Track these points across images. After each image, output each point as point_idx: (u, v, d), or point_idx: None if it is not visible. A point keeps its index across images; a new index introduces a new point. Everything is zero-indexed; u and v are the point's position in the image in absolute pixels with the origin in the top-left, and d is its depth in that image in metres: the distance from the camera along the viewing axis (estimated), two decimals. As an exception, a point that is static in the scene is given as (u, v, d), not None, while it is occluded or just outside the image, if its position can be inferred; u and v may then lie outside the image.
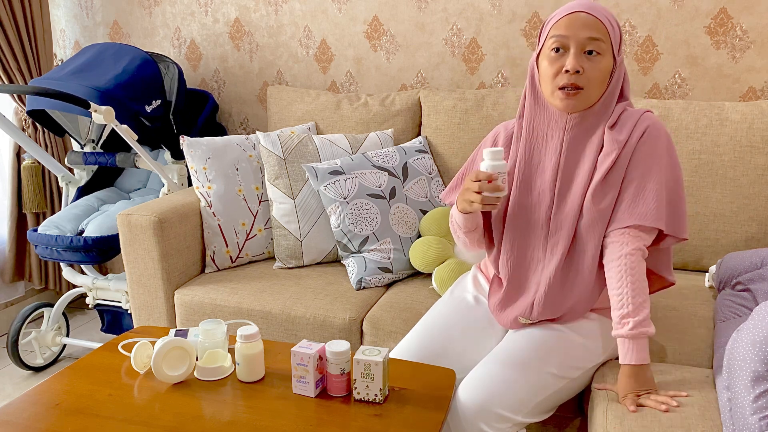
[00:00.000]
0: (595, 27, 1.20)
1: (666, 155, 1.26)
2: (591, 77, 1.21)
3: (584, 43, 1.20)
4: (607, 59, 1.22)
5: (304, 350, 1.17)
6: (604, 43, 1.20)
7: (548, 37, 1.23)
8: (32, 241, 2.11)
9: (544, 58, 1.24)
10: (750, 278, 1.50)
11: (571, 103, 1.23)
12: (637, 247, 1.22)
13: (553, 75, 1.23)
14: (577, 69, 1.19)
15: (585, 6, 1.21)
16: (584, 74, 1.20)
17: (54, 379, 1.28)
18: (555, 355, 1.28)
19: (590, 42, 1.20)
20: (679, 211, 1.27)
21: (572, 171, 1.28)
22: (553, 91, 1.24)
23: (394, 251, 1.90)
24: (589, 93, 1.22)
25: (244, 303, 1.80)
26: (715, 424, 1.12)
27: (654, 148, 1.24)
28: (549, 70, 1.23)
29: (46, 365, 2.37)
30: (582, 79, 1.21)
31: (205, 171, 2.02)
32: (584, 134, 1.27)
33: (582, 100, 1.23)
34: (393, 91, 2.40)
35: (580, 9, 1.21)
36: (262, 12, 2.48)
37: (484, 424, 1.20)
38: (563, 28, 1.21)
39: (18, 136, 2.19)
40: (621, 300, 1.20)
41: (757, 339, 1.02)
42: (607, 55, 1.22)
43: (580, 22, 1.20)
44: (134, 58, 2.19)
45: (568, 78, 1.21)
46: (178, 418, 1.13)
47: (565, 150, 1.28)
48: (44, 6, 2.52)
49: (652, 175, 1.23)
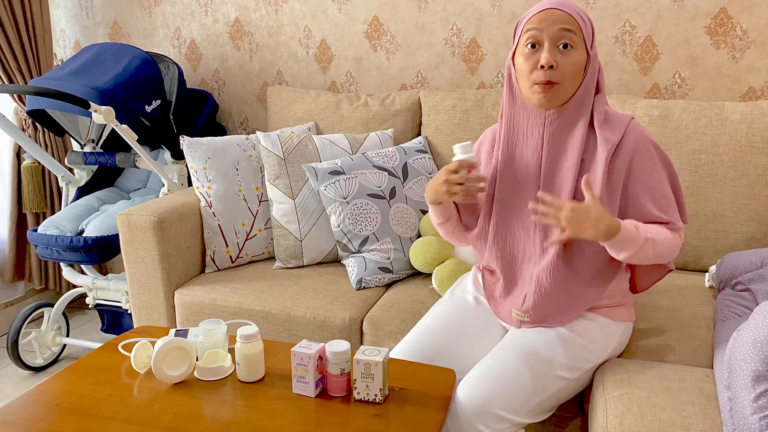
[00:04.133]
0: (567, 20, 1.23)
1: (659, 158, 1.30)
2: (565, 72, 1.23)
3: (557, 36, 1.22)
4: (580, 52, 1.24)
5: (304, 350, 1.17)
6: (576, 35, 1.23)
7: (522, 33, 1.26)
8: (32, 241, 2.11)
9: (519, 54, 1.27)
10: (750, 278, 1.50)
11: (548, 97, 1.25)
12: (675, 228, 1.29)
13: (529, 71, 1.25)
14: (551, 63, 1.22)
15: (557, 3, 1.25)
16: (558, 69, 1.23)
17: (54, 379, 1.28)
18: (555, 355, 1.28)
19: (563, 34, 1.22)
20: (681, 201, 1.34)
21: (555, 166, 1.31)
22: (530, 87, 1.26)
23: (394, 251, 1.90)
24: (565, 87, 1.25)
25: (244, 303, 1.80)
26: (715, 423, 1.12)
27: (648, 154, 1.29)
28: (524, 66, 1.26)
29: (46, 365, 2.37)
30: (557, 74, 1.23)
31: (205, 171, 2.02)
32: (564, 129, 1.29)
33: (558, 94, 1.25)
34: (393, 91, 2.40)
35: (551, 5, 1.24)
36: (262, 12, 2.48)
37: (482, 425, 1.20)
38: (536, 22, 1.24)
39: (18, 136, 2.19)
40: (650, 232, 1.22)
41: (758, 339, 1.02)
42: (580, 48, 1.24)
43: (552, 17, 1.23)
44: (134, 58, 2.19)
45: (543, 74, 1.23)
46: (178, 418, 1.13)
47: (546, 145, 1.30)
48: (44, 6, 2.52)
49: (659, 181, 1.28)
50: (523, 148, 1.33)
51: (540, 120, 1.30)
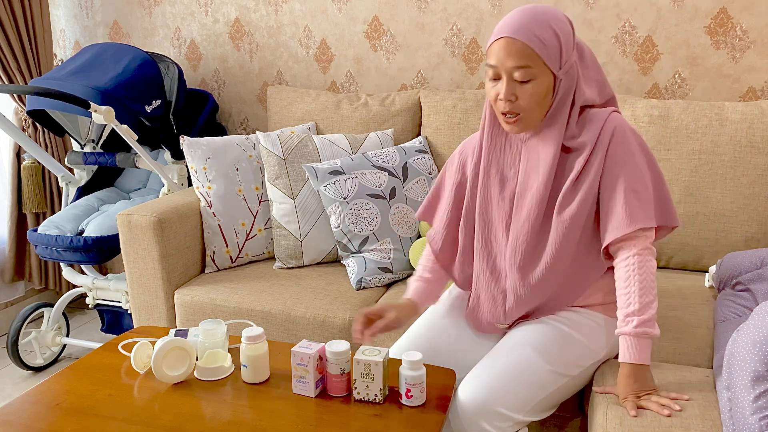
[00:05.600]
0: (522, 54, 1.16)
1: (640, 151, 1.25)
2: (525, 104, 1.20)
3: (512, 71, 1.18)
4: (542, 80, 1.19)
5: (304, 350, 1.17)
6: (535, 67, 1.17)
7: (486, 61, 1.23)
8: (32, 241, 2.11)
9: (486, 80, 1.25)
10: (750, 278, 1.50)
11: (514, 128, 1.24)
12: (643, 246, 1.21)
13: (494, 99, 1.23)
14: (509, 98, 1.19)
15: (512, 28, 1.17)
16: (518, 102, 1.20)
17: (54, 379, 1.28)
18: (556, 353, 1.28)
19: (517, 70, 1.18)
20: (666, 201, 1.28)
21: (528, 180, 1.29)
22: (498, 114, 1.25)
23: (394, 251, 1.90)
24: (529, 116, 1.22)
25: (244, 303, 1.80)
26: (715, 424, 1.12)
27: (627, 147, 1.23)
28: (491, 93, 1.24)
29: (46, 365, 2.37)
30: (518, 106, 1.20)
31: (205, 171, 2.02)
32: (539, 144, 1.27)
33: (524, 122, 1.23)
34: (393, 91, 2.40)
35: (506, 34, 1.17)
36: (262, 12, 2.48)
37: (485, 423, 1.20)
38: (493, 56, 1.20)
39: (18, 136, 2.19)
40: (628, 298, 1.20)
41: (758, 339, 1.02)
42: (542, 76, 1.19)
43: (506, 50, 1.17)
44: (134, 58, 2.19)
45: (504, 105, 1.21)
46: (178, 418, 1.13)
47: (522, 160, 1.29)
48: (44, 6, 2.52)
49: (636, 175, 1.22)
50: (500, 160, 1.32)
51: (519, 135, 1.29)
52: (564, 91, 1.22)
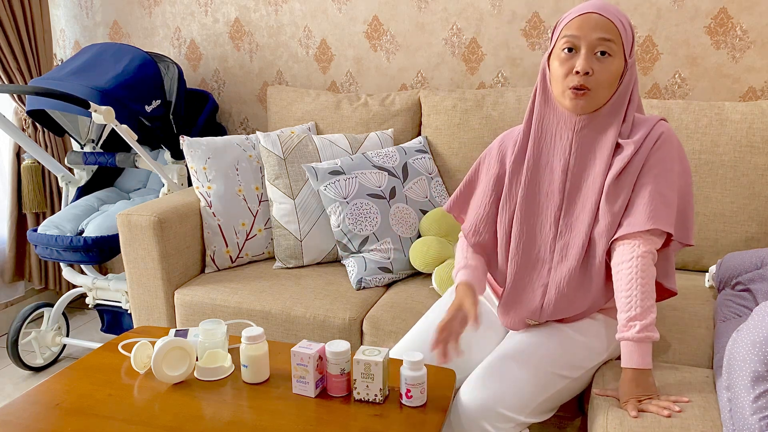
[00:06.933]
0: (607, 28, 1.20)
1: (679, 162, 1.26)
2: (600, 79, 1.21)
3: (595, 44, 1.20)
4: (618, 61, 1.22)
5: (304, 350, 1.17)
6: (615, 44, 1.20)
7: (560, 37, 1.23)
8: (32, 241, 2.11)
9: (555, 58, 1.24)
10: (750, 278, 1.50)
11: (580, 103, 1.23)
12: (649, 249, 1.21)
13: (564, 75, 1.23)
14: (587, 70, 1.19)
15: (598, 7, 1.21)
16: (594, 76, 1.20)
17: (54, 379, 1.28)
18: (558, 354, 1.28)
19: (601, 43, 1.19)
20: (688, 218, 1.28)
21: (582, 173, 1.28)
22: (563, 91, 1.24)
23: (394, 251, 1.90)
24: (598, 94, 1.22)
25: (244, 303, 1.80)
26: (715, 424, 1.12)
27: (668, 153, 1.25)
28: (559, 70, 1.23)
29: (46, 365, 2.37)
30: (591, 81, 1.21)
31: (205, 171, 2.02)
32: (594, 136, 1.27)
33: (590, 101, 1.23)
34: (393, 91, 2.40)
35: (592, 10, 1.21)
36: (262, 12, 2.48)
37: (487, 424, 1.20)
38: (575, 28, 1.21)
39: (18, 136, 2.19)
40: (629, 302, 1.19)
41: (757, 339, 1.02)
42: (618, 57, 1.21)
43: (592, 22, 1.20)
44: (134, 58, 2.19)
45: (578, 79, 1.21)
46: (178, 418, 1.13)
47: (574, 151, 1.28)
48: (44, 6, 2.52)
49: (667, 181, 1.23)
50: (550, 151, 1.30)
51: (570, 125, 1.27)
52: (627, 81, 1.24)
